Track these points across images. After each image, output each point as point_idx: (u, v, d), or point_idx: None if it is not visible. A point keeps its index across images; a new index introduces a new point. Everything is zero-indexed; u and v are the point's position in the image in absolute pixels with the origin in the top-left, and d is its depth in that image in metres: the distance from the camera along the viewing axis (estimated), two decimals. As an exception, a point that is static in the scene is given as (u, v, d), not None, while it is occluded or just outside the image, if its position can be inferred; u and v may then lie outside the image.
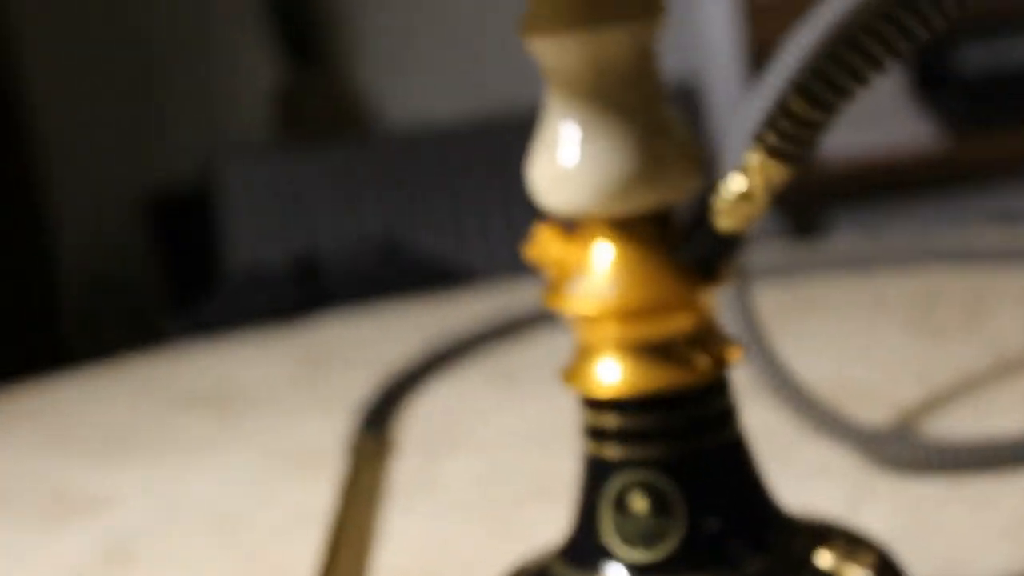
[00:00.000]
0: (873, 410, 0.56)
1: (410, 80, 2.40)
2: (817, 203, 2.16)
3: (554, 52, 0.32)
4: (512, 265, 1.17)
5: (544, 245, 0.34)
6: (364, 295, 0.88)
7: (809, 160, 0.32)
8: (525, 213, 1.18)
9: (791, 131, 0.31)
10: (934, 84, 2.04)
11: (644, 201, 0.32)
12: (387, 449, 0.61)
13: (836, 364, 0.63)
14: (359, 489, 0.55)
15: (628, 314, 0.33)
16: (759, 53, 2.18)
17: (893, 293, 0.72)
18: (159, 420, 0.72)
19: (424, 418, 0.65)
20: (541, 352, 0.72)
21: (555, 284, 0.34)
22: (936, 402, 0.56)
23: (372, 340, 0.81)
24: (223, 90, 2.38)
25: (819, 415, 0.52)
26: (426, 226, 1.34)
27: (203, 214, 1.90)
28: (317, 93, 2.33)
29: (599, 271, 0.33)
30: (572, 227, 0.34)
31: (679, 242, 0.33)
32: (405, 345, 0.76)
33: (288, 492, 0.59)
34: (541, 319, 0.75)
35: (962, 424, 0.54)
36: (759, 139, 0.32)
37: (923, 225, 2.05)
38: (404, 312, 0.86)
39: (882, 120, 2.10)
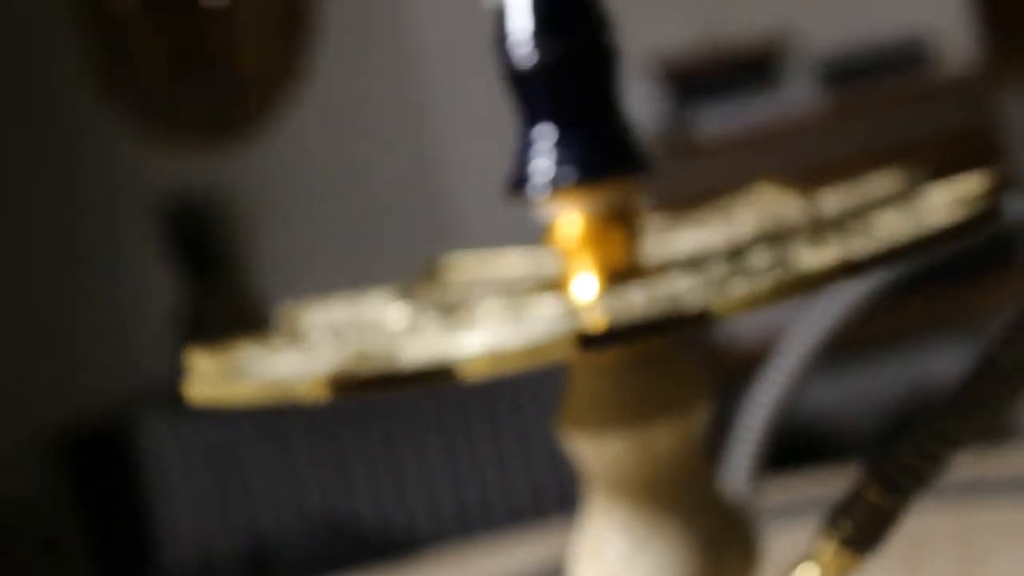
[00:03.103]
0: None
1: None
2: (730, 379, 2.14)
3: (601, 451, 0.29)
4: (455, 525, 1.12)
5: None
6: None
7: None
8: (462, 472, 1.14)
9: (867, 521, 0.29)
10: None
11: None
12: None
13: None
14: None
15: None
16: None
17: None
18: None
19: None
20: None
21: None
22: None
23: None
24: (125, 318, 2.33)
25: None
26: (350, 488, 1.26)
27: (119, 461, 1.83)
28: (220, 311, 2.28)
29: None
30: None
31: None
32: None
33: None
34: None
35: None
36: (833, 529, 0.29)
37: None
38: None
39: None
